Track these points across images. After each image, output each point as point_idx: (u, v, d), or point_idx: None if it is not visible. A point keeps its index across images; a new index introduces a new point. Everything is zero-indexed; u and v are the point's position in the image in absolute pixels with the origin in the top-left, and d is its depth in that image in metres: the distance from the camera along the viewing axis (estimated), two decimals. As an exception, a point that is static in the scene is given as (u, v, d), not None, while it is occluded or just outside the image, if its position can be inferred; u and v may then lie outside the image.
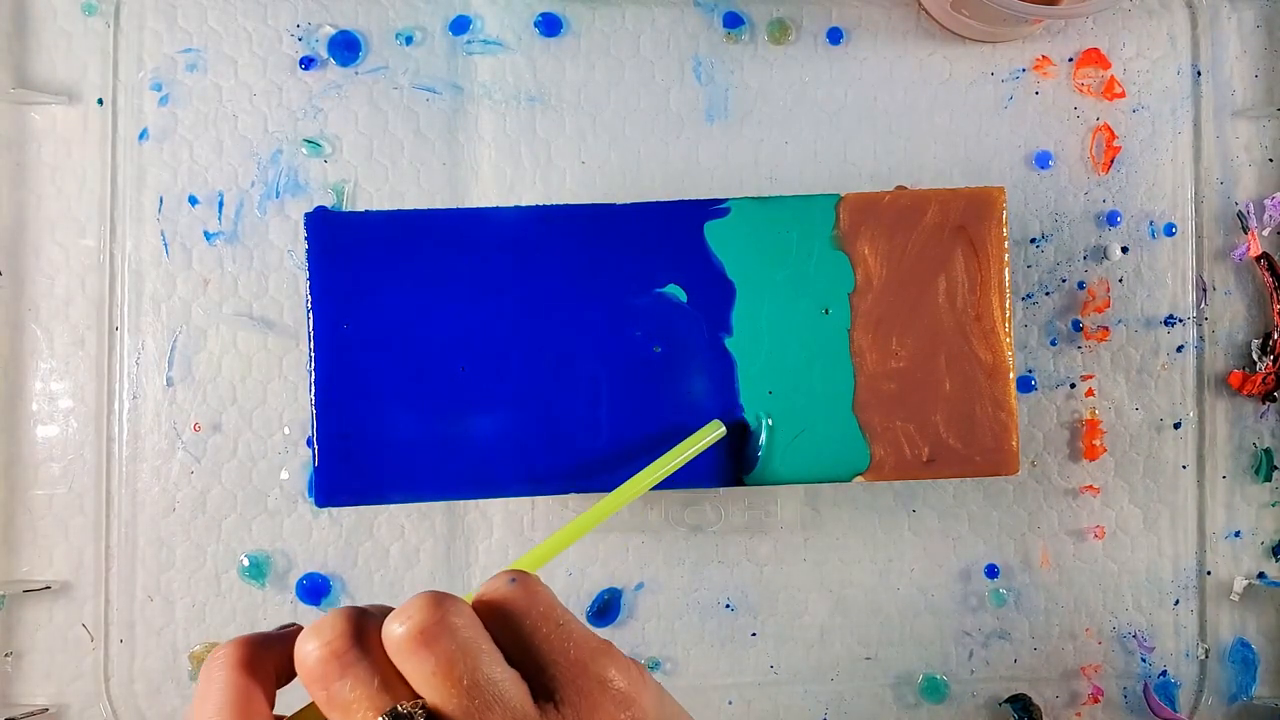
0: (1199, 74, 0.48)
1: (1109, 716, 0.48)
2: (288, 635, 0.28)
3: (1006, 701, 0.47)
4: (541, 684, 0.28)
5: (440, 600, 0.27)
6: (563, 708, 0.27)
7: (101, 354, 0.47)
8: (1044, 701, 0.47)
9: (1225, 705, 0.47)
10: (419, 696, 0.26)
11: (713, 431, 0.39)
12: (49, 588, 0.47)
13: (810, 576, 0.47)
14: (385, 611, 0.28)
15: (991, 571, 0.47)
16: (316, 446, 0.40)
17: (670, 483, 0.41)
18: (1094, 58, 0.48)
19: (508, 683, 0.27)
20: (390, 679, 0.27)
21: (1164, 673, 0.47)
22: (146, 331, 0.47)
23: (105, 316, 0.47)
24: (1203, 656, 0.47)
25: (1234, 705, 0.47)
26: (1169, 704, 0.47)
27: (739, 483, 0.41)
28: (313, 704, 0.28)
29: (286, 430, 0.47)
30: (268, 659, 0.28)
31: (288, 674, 0.28)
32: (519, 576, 0.29)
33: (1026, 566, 0.47)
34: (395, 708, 0.26)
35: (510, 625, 0.28)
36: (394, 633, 0.27)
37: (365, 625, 0.27)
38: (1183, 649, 0.48)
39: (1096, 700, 0.48)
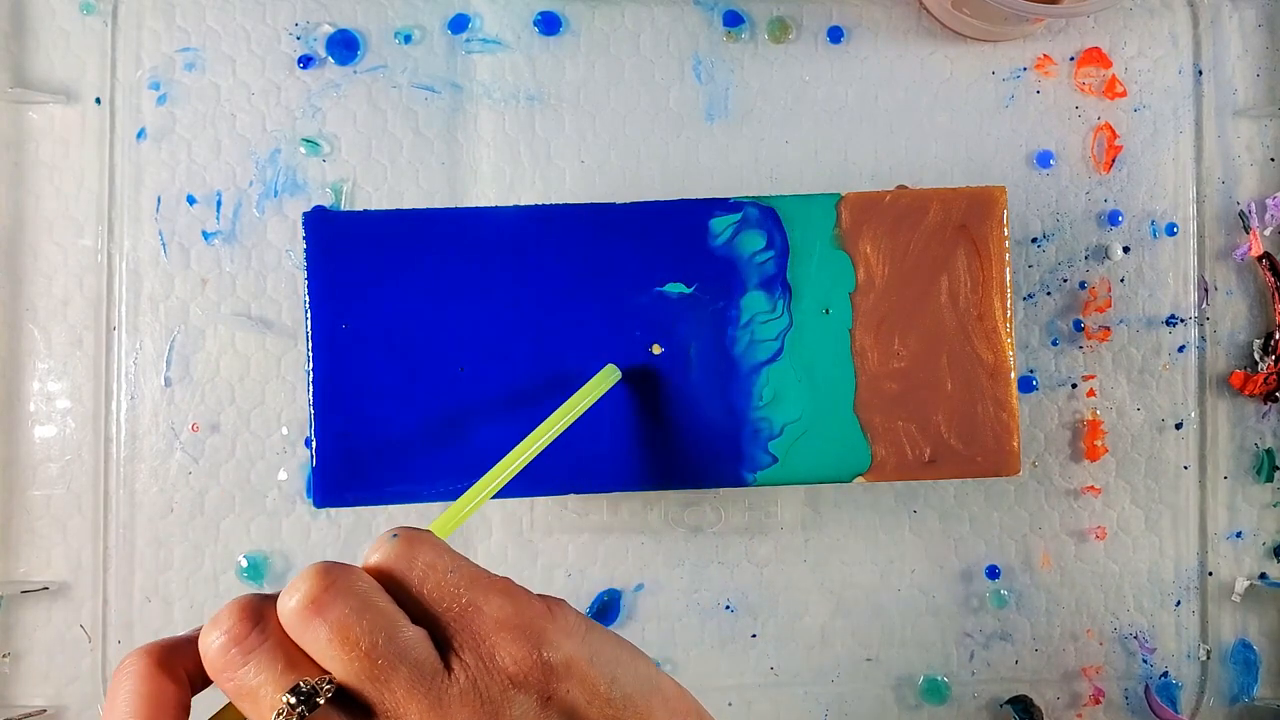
0: (1200, 73, 0.48)
1: (1110, 718, 0.47)
2: (193, 636, 0.28)
3: (1008, 703, 0.47)
4: (441, 635, 0.27)
5: (329, 569, 0.26)
6: (464, 654, 0.27)
7: (99, 354, 0.47)
8: (1045, 703, 0.47)
9: (1227, 706, 0.47)
10: (326, 672, 0.26)
11: (609, 376, 0.39)
12: (47, 589, 0.46)
13: (811, 577, 0.47)
14: None
15: (993, 572, 0.47)
16: (315, 447, 0.40)
17: (671, 482, 0.40)
18: (1095, 57, 0.48)
19: (408, 640, 0.26)
20: (295, 659, 0.26)
21: (1165, 674, 0.47)
22: (144, 331, 0.47)
23: (103, 316, 0.47)
24: (1204, 658, 0.47)
25: (1235, 706, 0.47)
26: (1170, 705, 0.47)
27: (740, 483, 0.41)
28: (230, 704, 0.27)
29: (284, 430, 0.47)
30: (178, 663, 0.27)
31: (203, 678, 0.28)
32: (401, 531, 0.28)
33: (1028, 567, 0.47)
34: (298, 684, 0.25)
35: (399, 583, 0.27)
36: (286, 607, 0.26)
37: (264, 609, 0.27)
38: (1184, 650, 0.47)
39: (1098, 701, 0.47)
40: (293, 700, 0.25)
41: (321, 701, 0.25)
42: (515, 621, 0.27)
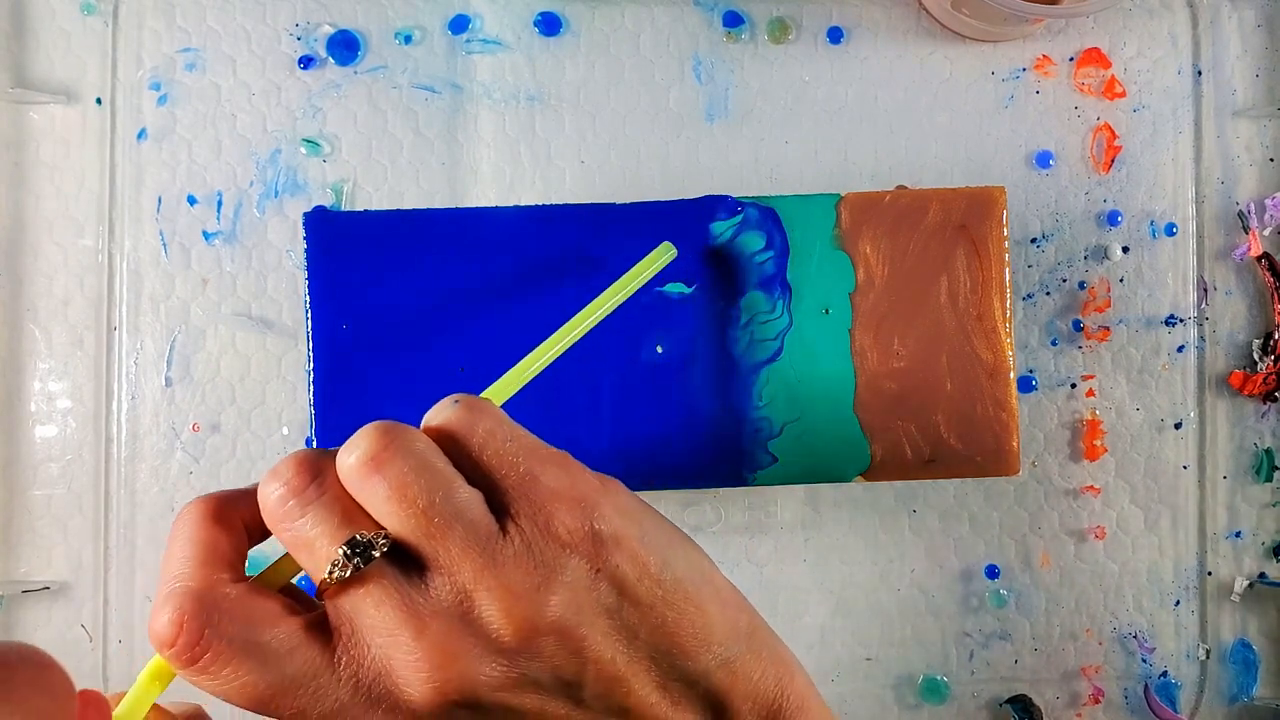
0: (1200, 73, 0.48)
1: (1110, 717, 0.47)
2: (251, 489, 0.28)
3: (1007, 702, 0.47)
4: (497, 500, 0.27)
5: (389, 427, 0.27)
6: (519, 519, 0.27)
7: (100, 354, 0.47)
8: (1044, 702, 0.47)
9: (1226, 706, 0.47)
10: (382, 528, 0.26)
11: (665, 253, 0.39)
12: (48, 588, 0.46)
13: (810, 577, 0.47)
14: None
15: (992, 572, 0.47)
16: (315, 447, 0.40)
17: (671, 482, 0.40)
18: (1095, 57, 0.48)
19: (465, 501, 0.26)
20: (351, 513, 0.26)
21: (1165, 673, 0.47)
22: (145, 331, 0.47)
23: (104, 316, 0.47)
24: (1203, 657, 0.47)
25: (1234, 706, 0.47)
26: (1170, 705, 0.47)
27: (740, 483, 0.41)
28: (286, 555, 0.28)
29: (285, 430, 0.47)
30: (234, 514, 0.28)
31: (260, 531, 0.28)
32: (462, 398, 0.28)
33: (1027, 567, 0.47)
34: (354, 537, 0.26)
35: (459, 446, 0.28)
36: (346, 463, 0.27)
37: (323, 464, 0.27)
38: (1183, 650, 0.47)
39: (1097, 701, 0.47)
40: (348, 552, 0.26)
41: (377, 555, 0.26)
42: (570, 493, 0.27)
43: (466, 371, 0.40)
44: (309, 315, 0.40)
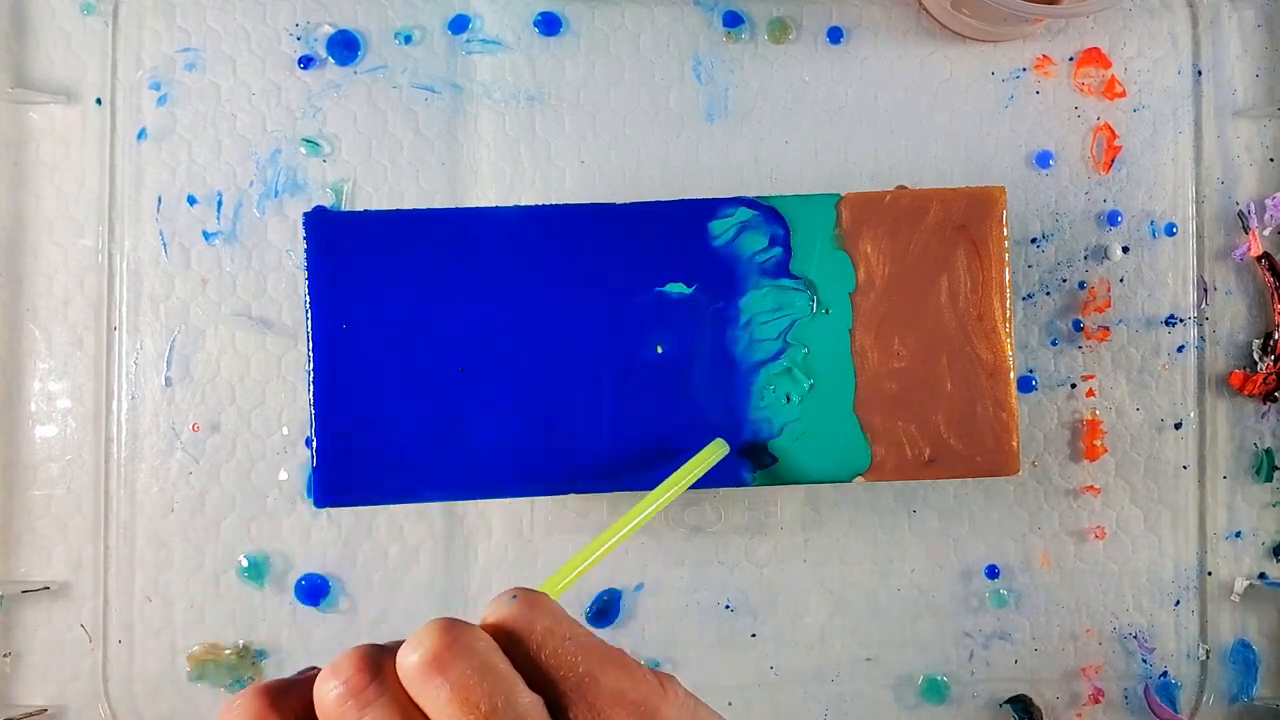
0: (1200, 73, 0.48)
1: (1110, 717, 0.47)
2: (306, 679, 0.28)
3: (1007, 702, 0.47)
4: (555, 701, 0.27)
5: (451, 626, 0.26)
6: None
7: (100, 354, 0.47)
8: (1045, 702, 0.47)
9: (1226, 706, 0.47)
10: None
11: (716, 450, 0.39)
12: (47, 588, 0.46)
13: (810, 577, 0.47)
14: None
15: (992, 572, 0.47)
16: (315, 447, 0.40)
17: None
18: (1095, 57, 0.48)
19: (526, 707, 0.26)
20: (411, 715, 0.26)
21: (1165, 673, 0.47)
22: (145, 331, 0.47)
23: (103, 316, 0.47)
24: (1203, 657, 0.47)
25: (1235, 706, 0.47)
26: (1170, 705, 0.47)
27: (740, 483, 0.41)
28: None
29: (285, 430, 0.47)
30: (287, 705, 0.27)
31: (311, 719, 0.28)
32: (520, 593, 0.28)
33: (1027, 567, 0.47)
34: None
35: (516, 645, 0.27)
36: (407, 662, 0.26)
37: (382, 661, 0.27)
38: (1184, 650, 0.47)
39: (1097, 701, 0.47)
40: None
41: None
42: (631, 697, 0.27)
43: (466, 371, 0.40)
44: (309, 315, 0.40)
